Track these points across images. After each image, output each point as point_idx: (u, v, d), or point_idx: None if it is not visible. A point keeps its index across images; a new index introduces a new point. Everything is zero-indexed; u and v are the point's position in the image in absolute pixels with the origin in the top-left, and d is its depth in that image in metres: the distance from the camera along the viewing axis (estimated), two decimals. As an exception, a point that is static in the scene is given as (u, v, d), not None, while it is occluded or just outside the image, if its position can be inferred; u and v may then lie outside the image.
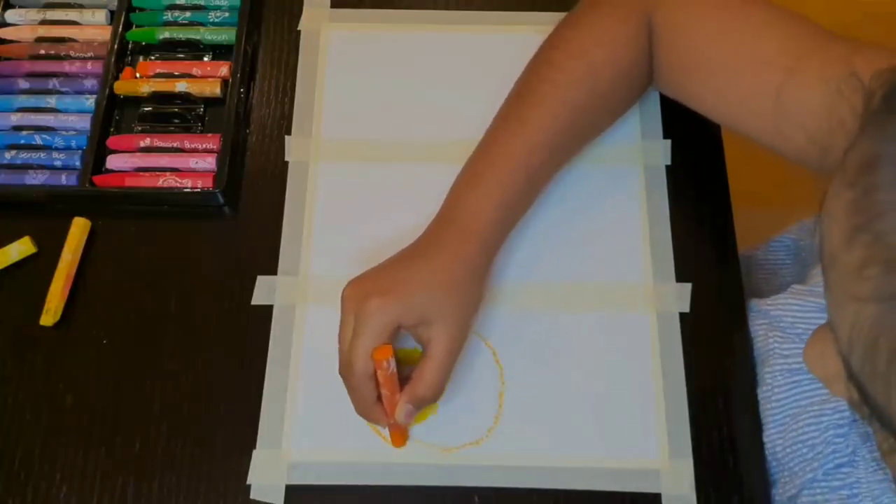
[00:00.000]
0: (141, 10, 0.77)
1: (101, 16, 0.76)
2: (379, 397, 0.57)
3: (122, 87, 0.73)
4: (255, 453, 0.61)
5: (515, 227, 0.63)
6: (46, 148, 0.71)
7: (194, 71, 0.74)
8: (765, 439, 0.61)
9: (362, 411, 0.59)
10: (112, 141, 0.71)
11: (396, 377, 0.57)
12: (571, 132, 0.63)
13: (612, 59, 0.63)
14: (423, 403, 0.58)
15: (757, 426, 0.62)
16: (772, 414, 0.61)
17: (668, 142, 0.71)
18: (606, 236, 0.68)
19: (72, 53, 0.75)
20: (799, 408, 0.59)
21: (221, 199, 0.69)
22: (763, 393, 0.62)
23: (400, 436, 0.60)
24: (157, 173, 0.69)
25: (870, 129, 0.33)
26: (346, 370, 0.57)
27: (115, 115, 0.73)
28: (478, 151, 0.63)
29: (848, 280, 0.33)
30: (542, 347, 0.64)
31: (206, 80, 0.73)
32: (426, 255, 0.59)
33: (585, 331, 0.65)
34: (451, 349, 0.57)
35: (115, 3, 0.76)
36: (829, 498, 0.57)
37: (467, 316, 0.59)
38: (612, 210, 0.69)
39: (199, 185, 0.68)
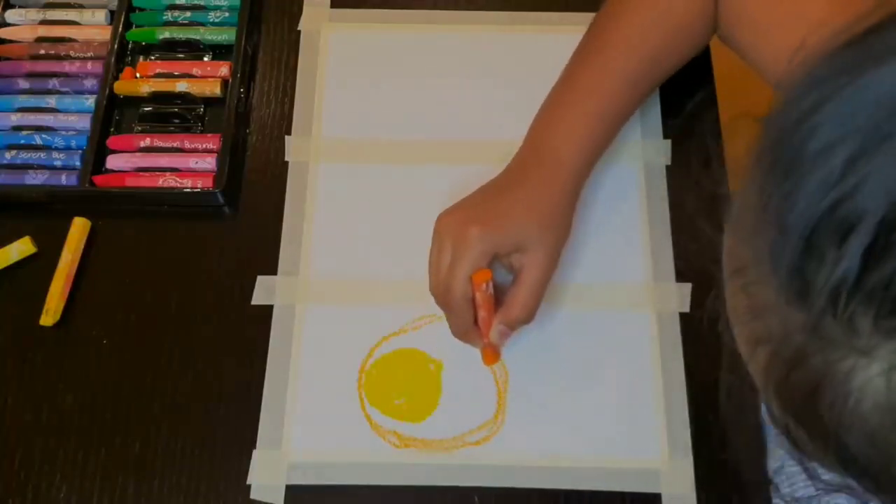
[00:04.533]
0: (141, 10, 0.77)
1: (101, 16, 0.76)
2: (475, 320, 0.60)
3: (122, 87, 0.73)
4: (255, 453, 0.61)
5: (601, 157, 0.65)
6: (46, 148, 0.71)
7: (194, 71, 0.74)
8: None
9: (460, 333, 0.61)
10: (112, 141, 0.71)
11: (493, 299, 0.59)
12: (650, 67, 0.65)
13: (685, 7, 0.65)
14: (517, 325, 0.60)
15: (757, 426, 0.62)
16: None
17: (668, 142, 0.71)
18: (606, 236, 0.68)
19: (72, 53, 0.75)
20: None
21: (221, 199, 0.69)
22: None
23: (492, 355, 0.62)
24: (157, 173, 0.69)
25: (748, 173, 0.33)
26: (445, 295, 0.59)
27: (115, 115, 0.73)
28: (560, 86, 0.65)
29: (732, 318, 0.34)
30: (542, 347, 0.64)
31: (206, 80, 0.73)
32: (518, 186, 0.61)
33: (585, 331, 0.65)
34: (544, 275, 0.59)
35: (115, 3, 0.76)
36: (809, 467, 0.57)
37: (559, 244, 0.61)
38: (612, 210, 0.69)
39: (199, 185, 0.68)
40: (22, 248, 0.67)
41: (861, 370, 0.27)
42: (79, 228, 0.68)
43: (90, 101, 0.72)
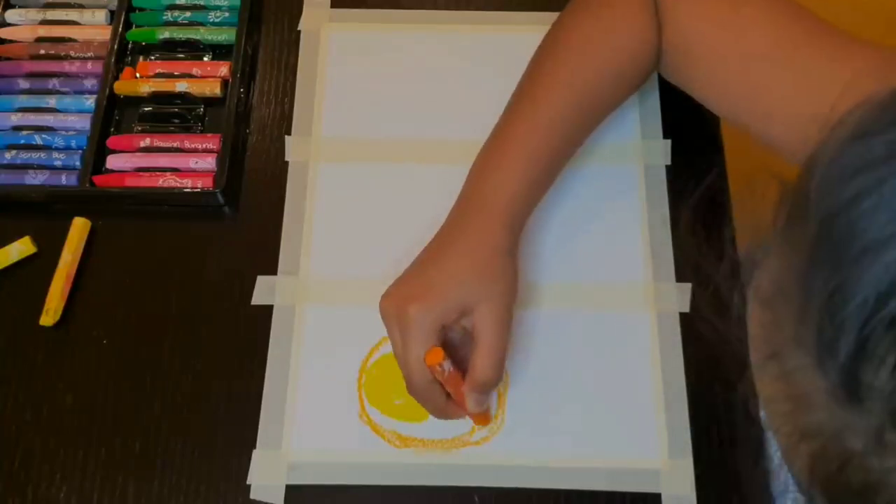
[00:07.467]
0: (141, 10, 0.77)
1: (101, 16, 0.76)
2: (449, 395, 0.58)
3: (122, 87, 0.73)
4: (255, 453, 0.61)
5: (538, 205, 0.63)
6: (46, 148, 0.71)
7: (194, 71, 0.74)
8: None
9: (437, 414, 0.59)
10: (112, 141, 0.71)
11: (457, 373, 0.56)
12: (584, 112, 0.64)
13: (623, 45, 0.63)
14: (488, 388, 0.57)
15: (757, 426, 0.62)
16: None
17: (668, 142, 0.71)
18: (606, 236, 0.68)
19: (72, 53, 0.75)
20: None
21: (221, 199, 0.69)
22: None
23: (482, 418, 0.60)
24: (157, 173, 0.69)
25: (779, 247, 0.30)
26: (408, 383, 0.57)
27: (115, 115, 0.73)
28: (494, 134, 0.63)
29: (767, 407, 0.31)
30: (542, 347, 0.64)
31: (206, 80, 0.73)
32: (452, 244, 0.59)
33: (585, 331, 0.65)
34: (499, 331, 0.56)
35: (115, 3, 0.76)
36: None
37: (506, 295, 0.58)
38: (612, 210, 0.69)
39: (199, 185, 0.68)
40: (22, 248, 0.67)
41: None
42: (79, 228, 0.68)
43: (90, 101, 0.72)
